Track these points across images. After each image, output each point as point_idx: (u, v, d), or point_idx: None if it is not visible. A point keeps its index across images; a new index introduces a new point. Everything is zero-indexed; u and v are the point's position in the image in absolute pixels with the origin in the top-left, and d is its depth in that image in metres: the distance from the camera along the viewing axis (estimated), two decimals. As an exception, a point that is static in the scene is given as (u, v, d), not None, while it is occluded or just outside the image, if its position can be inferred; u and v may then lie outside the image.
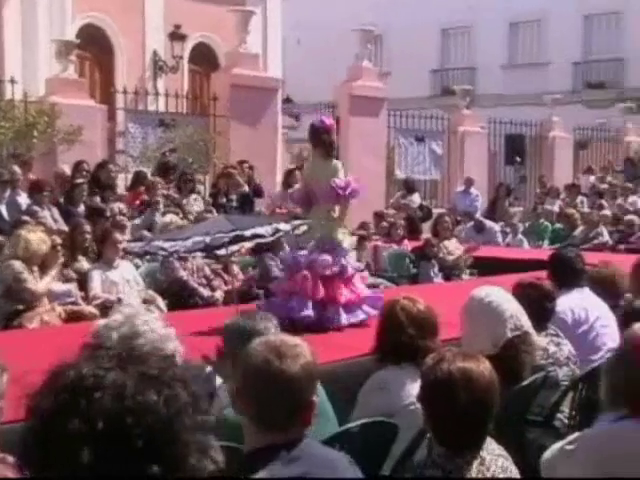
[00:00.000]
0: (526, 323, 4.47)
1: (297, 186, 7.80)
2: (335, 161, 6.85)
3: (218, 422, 1.86)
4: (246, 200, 12.67)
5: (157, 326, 3.13)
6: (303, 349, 2.64)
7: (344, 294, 6.55)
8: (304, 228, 6.76)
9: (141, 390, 1.52)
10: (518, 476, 3.10)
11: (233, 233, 5.58)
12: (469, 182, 17.71)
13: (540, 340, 4.82)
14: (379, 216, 14.69)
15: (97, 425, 1.47)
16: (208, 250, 6.21)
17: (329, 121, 6.90)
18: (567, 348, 5.11)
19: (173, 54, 20.65)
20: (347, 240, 6.94)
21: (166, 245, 5.46)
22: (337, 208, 6.70)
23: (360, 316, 6.54)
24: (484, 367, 3.06)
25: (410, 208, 15.88)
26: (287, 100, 25.90)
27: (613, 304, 5.95)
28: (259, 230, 5.76)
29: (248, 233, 5.69)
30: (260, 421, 2.59)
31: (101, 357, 1.58)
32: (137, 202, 11.60)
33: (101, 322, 3.30)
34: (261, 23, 20.63)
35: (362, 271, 7.14)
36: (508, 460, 3.09)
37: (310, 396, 2.61)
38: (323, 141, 6.69)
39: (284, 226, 6.27)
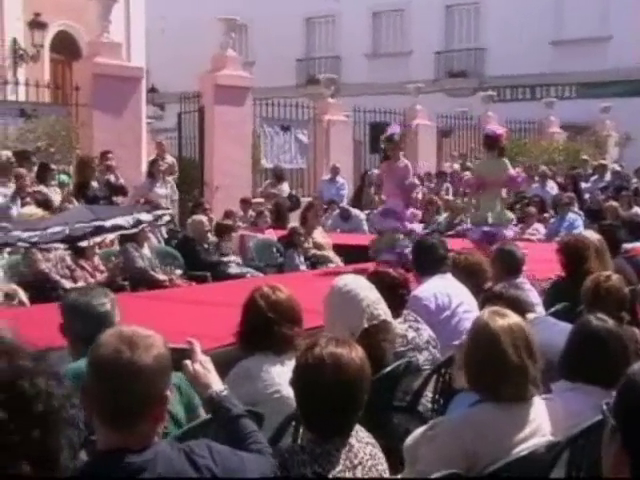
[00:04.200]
0: (384, 312, 4.52)
1: (468, 174, 11.81)
2: (504, 159, 9.72)
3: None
4: (110, 191, 12.49)
5: None
6: (156, 340, 2.51)
7: None
8: (167, 218, 6.82)
9: (16, 381, 1.44)
10: (384, 462, 3.15)
11: (93, 223, 5.51)
12: (335, 171, 17.92)
13: (399, 327, 4.91)
14: (246, 203, 14.75)
15: None
16: (69, 241, 6.10)
17: (500, 131, 9.98)
18: (427, 333, 5.20)
19: (33, 43, 20.06)
20: (510, 214, 9.95)
21: (24, 235, 5.34)
22: (504, 191, 9.77)
23: None
24: (356, 354, 3.06)
25: (280, 197, 15.98)
26: (152, 90, 25.60)
27: (477, 290, 6.01)
28: (119, 221, 5.72)
29: (109, 224, 5.63)
30: (108, 418, 2.43)
31: None
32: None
33: None
34: (124, 12, 20.23)
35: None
36: (376, 447, 3.14)
37: (163, 390, 2.49)
38: (497, 146, 9.63)
39: (146, 216, 6.25)
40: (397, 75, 29.94)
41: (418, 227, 9.85)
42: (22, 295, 8.43)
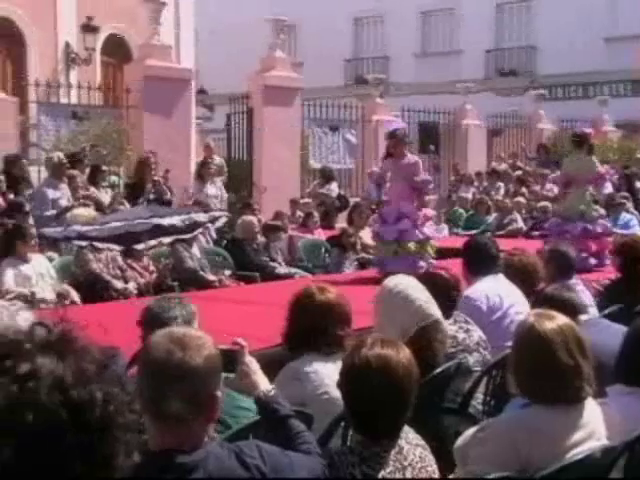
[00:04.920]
0: (436, 312, 4.47)
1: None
2: (593, 157, 10.33)
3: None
4: (163, 192, 12.51)
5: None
6: (206, 340, 2.54)
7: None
8: (223, 220, 6.83)
9: (80, 384, 1.45)
10: (434, 464, 3.12)
11: (152, 220, 5.55)
12: (384, 171, 17.85)
13: (449, 328, 4.84)
14: (295, 204, 14.76)
15: (26, 417, 1.40)
16: (126, 242, 6.11)
17: (589, 131, 10.70)
18: (477, 334, 5.14)
19: (85, 46, 20.42)
20: (600, 209, 10.59)
21: (84, 229, 5.42)
22: (591, 188, 10.33)
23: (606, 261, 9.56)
24: (403, 355, 3.06)
25: (329, 197, 15.95)
26: (201, 91, 25.75)
27: (529, 291, 5.94)
28: (175, 220, 5.75)
29: (166, 222, 5.66)
30: (159, 418, 2.45)
31: (38, 343, 1.50)
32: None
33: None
34: (173, 14, 20.47)
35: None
36: (426, 449, 3.12)
37: (213, 390, 2.51)
38: (586, 144, 10.20)
39: (201, 216, 6.27)
40: (446, 74, 29.77)
41: (432, 230, 9.23)
42: (74, 295, 8.55)
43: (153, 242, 6.60)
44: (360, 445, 3.01)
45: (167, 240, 6.97)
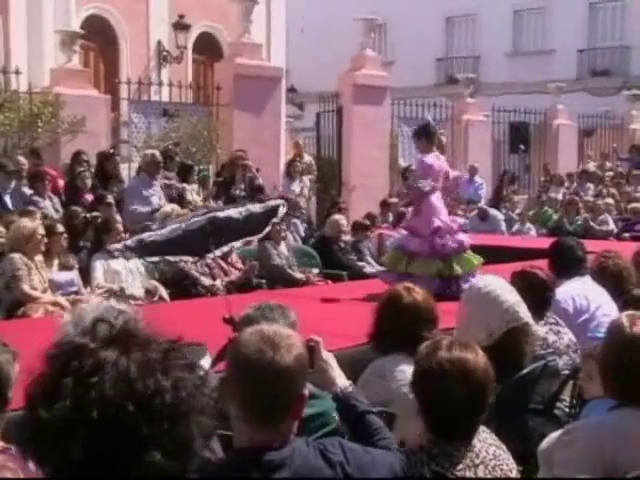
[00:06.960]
0: (525, 314, 4.38)
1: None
2: None
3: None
4: (255, 189, 12.56)
5: None
6: (296, 340, 2.56)
7: None
8: (283, 210, 6.77)
9: (145, 374, 1.47)
10: (511, 463, 3.08)
11: (207, 215, 5.59)
12: (473, 170, 17.69)
13: (539, 329, 4.77)
14: (385, 203, 14.72)
15: (91, 413, 1.42)
16: (196, 251, 6.12)
17: None
18: (567, 337, 5.06)
19: (177, 44, 20.69)
20: None
21: (144, 235, 5.54)
22: None
23: None
24: (480, 357, 3.03)
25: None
26: (291, 89, 25.96)
27: (620, 294, 5.81)
28: (232, 212, 5.78)
29: (221, 214, 5.69)
30: (250, 416, 2.48)
31: (100, 339, 1.52)
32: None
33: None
34: (265, 12, 20.64)
35: None
36: (501, 448, 3.08)
37: (301, 389, 2.53)
38: None
39: (257, 207, 6.26)
40: (538, 74, 29.32)
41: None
42: (162, 291, 8.67)
43: (226, 248, 6.59)
44: (431, 443, 2.99)
45: (238, 244, 6.97)
